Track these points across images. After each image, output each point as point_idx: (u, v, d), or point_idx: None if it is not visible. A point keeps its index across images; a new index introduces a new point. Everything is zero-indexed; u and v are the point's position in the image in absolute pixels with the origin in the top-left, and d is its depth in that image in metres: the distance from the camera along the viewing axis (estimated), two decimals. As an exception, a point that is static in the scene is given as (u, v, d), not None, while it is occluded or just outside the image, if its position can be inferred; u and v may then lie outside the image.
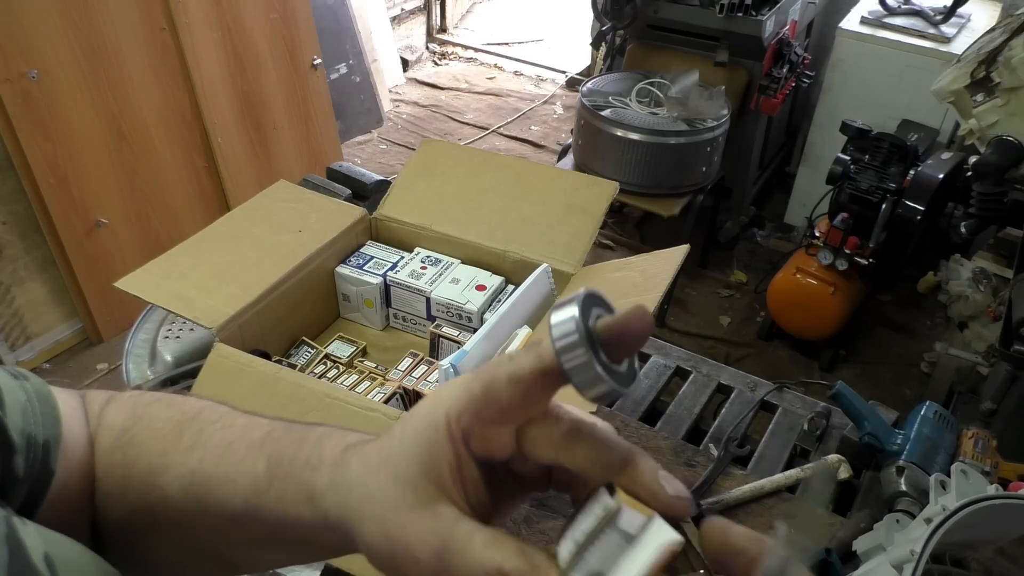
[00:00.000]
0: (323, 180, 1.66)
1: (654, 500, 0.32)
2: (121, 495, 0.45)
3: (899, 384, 2.69)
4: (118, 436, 0.46)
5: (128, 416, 0.47)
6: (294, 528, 0.39)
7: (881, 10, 2.96)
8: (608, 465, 0.34)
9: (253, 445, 0.42)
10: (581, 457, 0.34)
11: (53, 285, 2.46)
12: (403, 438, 0.36)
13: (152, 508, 0.44)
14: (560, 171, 1.45)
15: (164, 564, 0.47)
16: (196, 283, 1.13)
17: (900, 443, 1.07)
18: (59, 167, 2.27)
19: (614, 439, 0.34)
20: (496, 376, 0.34)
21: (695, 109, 2.71)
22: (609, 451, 0.34)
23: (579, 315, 0.32)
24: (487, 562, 0.31)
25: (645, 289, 1.06)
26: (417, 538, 0.33)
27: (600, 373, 0.31)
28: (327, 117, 3.17)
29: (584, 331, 0.31)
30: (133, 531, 0.45)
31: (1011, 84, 1.96)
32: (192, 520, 0.43)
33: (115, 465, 0.45)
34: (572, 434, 0.34)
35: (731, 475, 1.11)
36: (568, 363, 0.32)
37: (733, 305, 3.04)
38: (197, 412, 0.45)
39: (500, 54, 4.95)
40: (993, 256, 2.19)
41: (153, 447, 0.44)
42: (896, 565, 0.78)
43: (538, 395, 0.34)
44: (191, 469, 0.42)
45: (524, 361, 0.33)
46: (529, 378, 0.33)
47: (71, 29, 2.20)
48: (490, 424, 0.34)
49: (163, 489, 0.43)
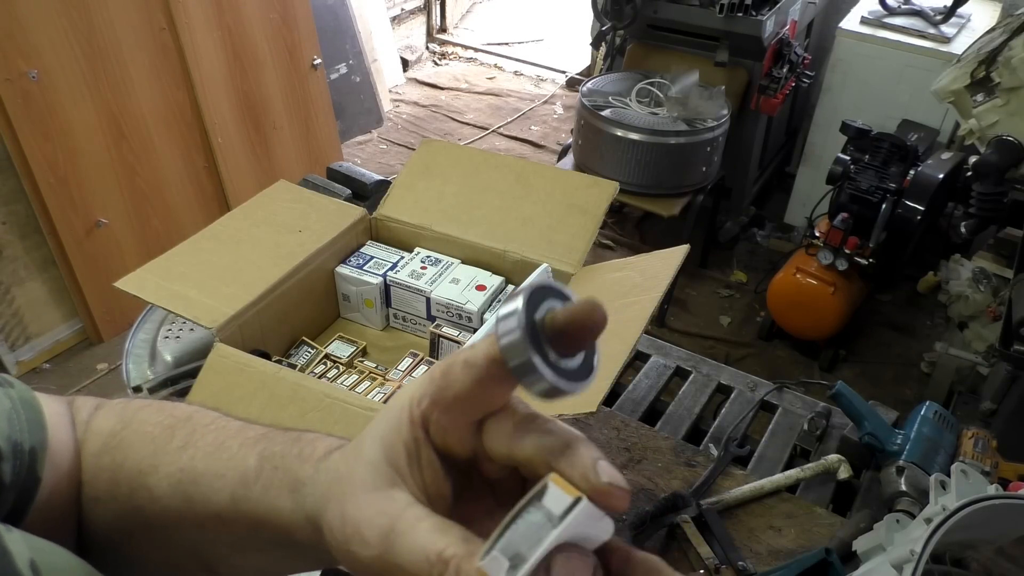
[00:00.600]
0: (323, 180, 1.66)
1: (586, 484, 0.31)
2: (109, 498, 0.45)
3: (899, 384, 2.69)
4: (106, 440, 0.46)
5: (117, 421, 0.47)
6: (275, 522, 0.39)
7: (881, 10, 2.96)
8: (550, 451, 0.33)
9: (247, 442, 0.42)
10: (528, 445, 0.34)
11: (53, 285, 2.46)
12: (376, 420, 0.36)
13: (140, 509, 0.43)
14: (560, 171, 1.45)
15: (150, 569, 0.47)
16: (196, 283, 1.13)
17: (900, 443, 1.08)
18: (59, 167, 2.27)
19: (561, 427, 0.34)
20: (454, 361, 0.34)
21: (695, 109, 2.71)
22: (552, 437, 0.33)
23: (523, 309, 0.31)
24: (429, 547, 0.31)
25: (645, 289, 1.06)
26: (368, 519, 0.33)
27: (543, 372, 0.30)
28: (327, 117, 3.17)
29: (527, 326, 0.30)
30: (120, 535, 0.45)
31: (1011, 84, 1.96)
32: (179, 519, 0.42)
33: (103, 468, 0.45)
34: (522, 424, 0.34)
35: (731, 475, 1.11)
36: (511, 360, 0.31)
37: (733, 305, 3.04)
38: (188, 416, 0.45)
39: (500, 54, 4.95)
40: (993, 256, 2.19)
41: (143, 449, 0.44)
42: (896, 565, 0.78)
43: (493, 385, 0.33)
44: (181, 467, 0.42)
45: (480, 347, 0.33)
46: (482, 364, 0.32)
47: (71, 29, 2.20)
48: (447, 411, 0.34)
49: (151, 489, 0.43)
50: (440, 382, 0.34)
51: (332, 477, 0.36)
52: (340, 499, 0.35)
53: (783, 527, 1.03)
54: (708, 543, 0.99)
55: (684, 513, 1.02)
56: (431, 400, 0.34)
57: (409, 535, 0.32)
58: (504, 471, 0.37)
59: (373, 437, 0.36)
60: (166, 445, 0.44)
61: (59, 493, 0.44)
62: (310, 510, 0.37)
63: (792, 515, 1.05)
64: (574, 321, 0.31)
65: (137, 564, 0.46)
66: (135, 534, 0.45)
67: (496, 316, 0.32)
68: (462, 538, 0.32)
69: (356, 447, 0.36)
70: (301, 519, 0.38)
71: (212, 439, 0.43)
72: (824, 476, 1.11)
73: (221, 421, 0.45)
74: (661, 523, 1.02)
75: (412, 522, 0.33)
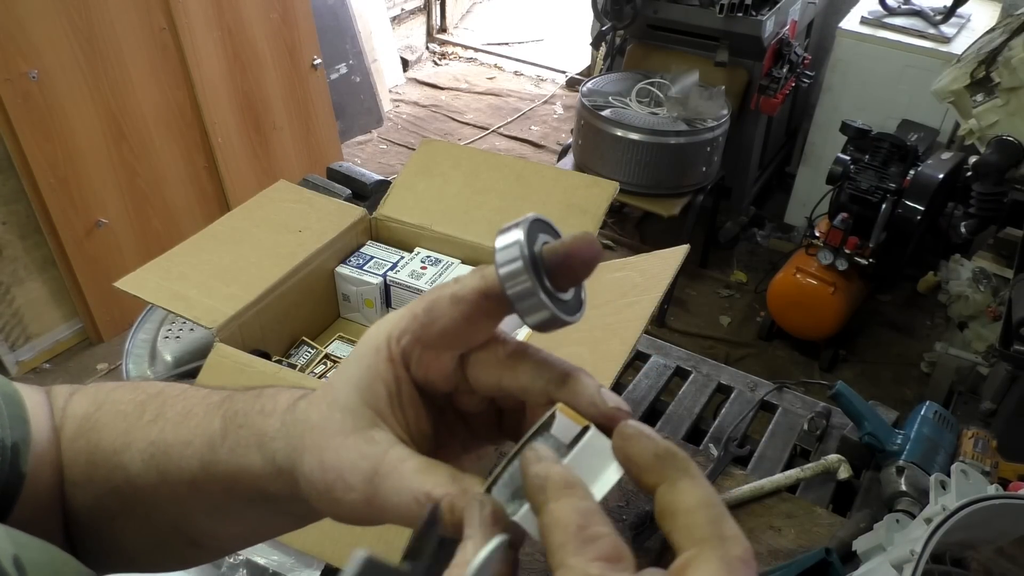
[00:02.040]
0: (323, 180, 1.66)
1: (594, 410, 0.31)
2: (87, 481, 0.44)
3: (899, 384, 2.69)
4: (81, 423, 0.45)
5: (91, 403, 0.46)
6: (246, 479, 0.38)
7: (881, 10, 2.96)
8: (549, 380, 0.33)
9: (211, 406, 0.41)
10: (523, 375, 0.33)
11: (53, 285, 2.46)
12: (346, 364, 0.35)
13: (118, 489, 0.43)
14: (560, 171, 1.45)
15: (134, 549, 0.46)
16: (196, 283, 1.13)
17: (900, 443, 1.08)
18: (59, 167, 2.27)
19: (555, 358, 0.34)
20: (440, 296, 0.33)
21: (695, 109, 2.71)
22: (551, 367, 0.33)
23: (524, 239, 0.31)
24: (416, 487, 0.31)
25: (645, 289, 1.06)
26: (350, 463, 0.33)
27: (543, 299, 0.30)
28: (327, 117, 3.17)
29: (529, 256, 0.30)
30: (102, 518, 0.45)
31: (1011, 84, 1.96)
32: (155, 493, 0.42)
33: (80, 452, 0.44)
34: (515, 355, 0.34)
35: (731, 475, 1.11)
36: (511, 288, 0.31)
37: (733, 305, 3.04)
38: (160, 390, 0.45)
39: (500, 54, 4.95)
40: (993, 256, 2.19)
41: (116, 427, 0.44)
42: (896, 565, 0.78)
43: (481, 319, 0.33)
44: (151, 440, 0.42)
45: (468, 282, 0.32)
46: (472, 299, 0.32)
47: (71, 29, 2.20)
48: (431, 346, 0.34)
49: (126, 467, 0.42)
50: (423, 318, 0.33)
51: (303, 428, 0.35)
52: (316, 448, 0.34)
53: (783, 527, 1.03)
54: (708, 543, 0.99)
55: (684, 513, 1.02)
56: (413, 336, 0.33)
57: (394, 476, 0.32)
58: (482, 404, 0.37)
59: (346, 381, 0.35)
60: (137, 421, 0.43)
61: (44, 485, 0.44)
62: (281, 462, 0.36)
63: (792, 515, 1.05)
64: (572, 254, 0.31)
65: (122, 546, 0.46)
66: (116, 515, 0.44)
67: (496, 245, 0.31)
68: (450, 476, 0.31)
69: (325, 394, 0.36)
70: (272, 472, 0.37)
71: (180, 408, 0.42)
72: (824, 476, 1.11)
73: (190, 391, 0.44)
74: (661, 523, 1.02)
75: (396, 463, 0.32)
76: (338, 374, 0.36)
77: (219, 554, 0.48)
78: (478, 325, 0.33)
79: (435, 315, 0.33)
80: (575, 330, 1.05)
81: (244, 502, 0.40)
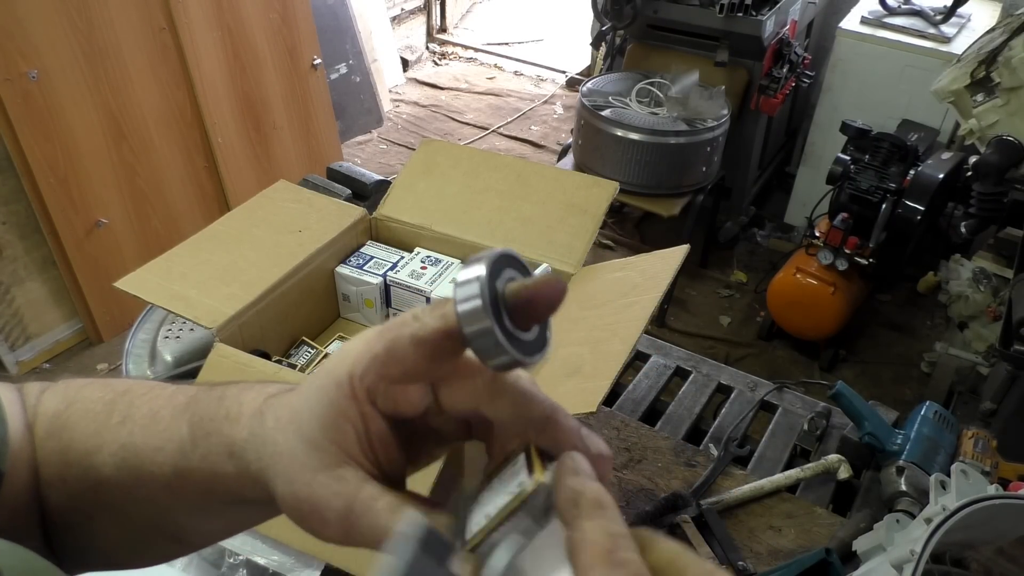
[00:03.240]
0: (323, 180, 1.66)
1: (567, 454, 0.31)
2: (60, 481, 0.44)
3: (899, 384, 2.69)
4: (51, 422, 0.45)
5: (61, 401, 0.45)
6: (222, 485, 0.38)
7: (881, 10, 2.96)
8: (530, 420, 0.32)
9: (177, 409, 0.41)
10: (502, 410, 0.33)
11: (53, 285, 2.46)
12: (307, 395, 0.35)
13: (92, 489, 0.43)
14: (560, 171, 1.45)
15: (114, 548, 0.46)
16: (196, 283, 1.13)
17: (900, 443, 1.08)
18: (59, 167, 2.27)
19: (538, 394, 0.33)
20: (399, 336, 0.32)
21: (695, 109, 2.71)
22: (532, 405, 0.33)
23: (486, 276, 0.30)
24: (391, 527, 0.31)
25: (645, 289, 1.06)
26: (324, 501, 0.33)
27: (502, 342, 0.29)
28: (327, 117, 3.17)
29: (489, 295, 0.29)
30: (79, 517, 0.44)
31: (1011, 84, 1.96)
32: (131, 494, 0.42)
33: (52, 452, 0.44)
34: (494, 386, 0.33)
35: (731, 475, 1.11)
36: (468, 327, 0.29)
37: (733, 305, 3.04)
38: (127, 388, 0.44)
39: (500, 54, 4.95)
40: (993, 256, 2.19)
41: (87, 428, 0.43)
42: (896, 565, 0.78)
43: (445, 357, 0.33)
44: (121, 444, 0.41)
45: (428, 321, 0.32)
46: (433, 340, 0.32)
47: (71, 29, 2.20)
48: (396, 383, 0.33)
49: (99, 469, 0.42)
50: (384, 358, 0.33)
51: (272, 450, 0.35)
52: (286, 477, 0.34)
53: (783, 527, 1.03)
54: (708, 543, 0.99)
55: (684, 513, 1.02)
56: (377, 375, 0.33)
57: (368, 516, 0.32)
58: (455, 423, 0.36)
59: (310, 414, 0.34)
60: (107, 422, 0.43)
61: (22, 483, 0.43)
62: (255, 473, 0.36)
63: (792, 515, 1.05)
64: (538, 295, 0.31)
65: (100, 544, 0.45)
66: (93, 515, 0.44)
67: (455, 280, 0.31)
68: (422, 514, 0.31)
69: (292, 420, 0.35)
70: (248, 481, 0.37)
71: (147, 410, 0.42)
72: (824, 476, 1.11)
73: (156, 389, 0.43)
74: (661, 523, 1.02)
75: (369, 502, 0.32)
76: (303, 404, 0.35)
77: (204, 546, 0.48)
78: (442, 362, 0.33)
79: (396, 356, 0.33)
80: (575, 330, 1.05)
81: (224, 503, 0.40)
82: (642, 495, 1.07)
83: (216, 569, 0.97)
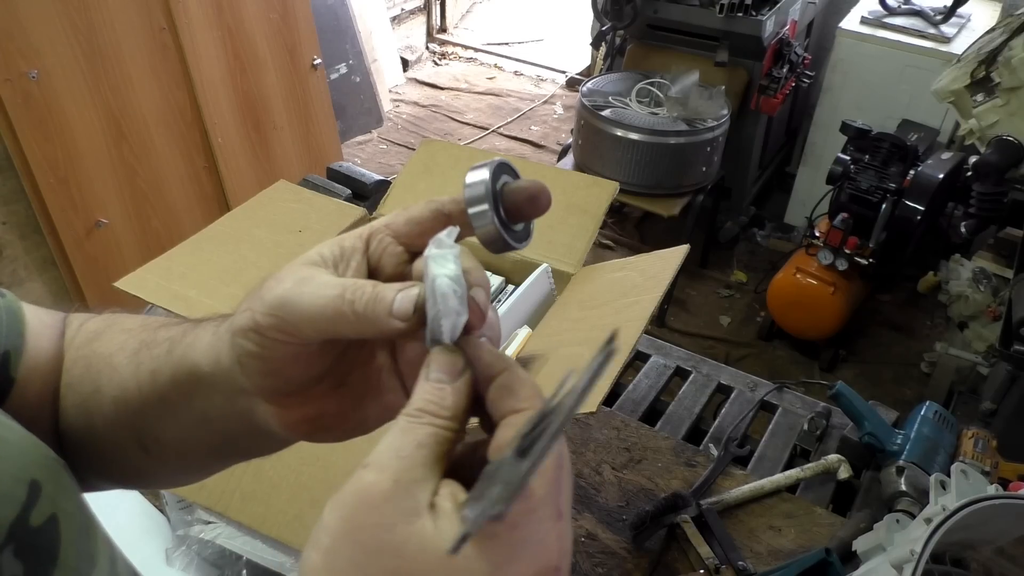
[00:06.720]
0: (323, 180, 1.66)
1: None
2: (79, 382, 0.49)
3: (899, 384, 2.69)
4: (90, 336, 0.51)
5: (103, 321, 0.52)
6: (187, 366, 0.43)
7: (881, 10, 2.97)
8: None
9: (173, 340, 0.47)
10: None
11: (53, 285, 2.45)
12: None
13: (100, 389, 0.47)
14: (560, 171, 1.45)
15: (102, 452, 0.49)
16: (196, 283, 1.12)
17: (900, 443, 1.07)
18: (59, 167, 2.27)
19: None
20: (418, 205, 0.42)
21: (695, 109, 2.71)
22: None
23: (489, 178, 0.40)
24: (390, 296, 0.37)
25: (645, 289, 1.06)
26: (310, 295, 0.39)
27: (495, 224, 0.39)
28: (327, 117, 3.17)
29: (491, 190, 0.39)
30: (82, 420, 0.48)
31: (1011, 84, 1.96)
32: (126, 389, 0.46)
33: (80, 357, 0.50)
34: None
35: (731, 475, 1.11)
36: (472, 207, 0.40)
37: (733, 305, 3.04)
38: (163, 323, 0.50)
39: (500, 54, 4.95)
40: (993, 256, 2.20)
41: (116, 338, 0.49)
42: (896, 565, 0.78)
43: (443, 221, 0.41)
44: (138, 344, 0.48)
45: (442, 199, 0.42)
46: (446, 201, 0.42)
47: (71, 29, 2.20)
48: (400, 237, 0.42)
49: (113, 365, 0.47)
50: (398, 212, 0.43)
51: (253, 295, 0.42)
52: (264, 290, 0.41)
53: (783, 527, 1.03)
54: (708, 543, 0.99)
55: (684, 513, 1.02)
56: (385, 223, 0.42)
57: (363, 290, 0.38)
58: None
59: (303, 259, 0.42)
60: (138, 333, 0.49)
61: (33, 393, 0.48)
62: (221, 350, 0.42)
63: (792, 515, 1.05)
64: (527, 194, 0.40)
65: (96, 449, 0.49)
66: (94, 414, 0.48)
67: (465, 180, 0.40)
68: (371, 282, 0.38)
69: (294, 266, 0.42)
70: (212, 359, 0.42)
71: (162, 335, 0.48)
72: (824, 476, 1.11)
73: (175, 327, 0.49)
74: (661, 523, 1.02)
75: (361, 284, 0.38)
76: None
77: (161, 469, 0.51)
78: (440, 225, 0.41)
79: (410, 210, 0.42)
80: (575, 330, 1.05)
81: (186, 400, 0.44)
82: (642, 495, 1.07)
83: (217, 569, 0.97)
